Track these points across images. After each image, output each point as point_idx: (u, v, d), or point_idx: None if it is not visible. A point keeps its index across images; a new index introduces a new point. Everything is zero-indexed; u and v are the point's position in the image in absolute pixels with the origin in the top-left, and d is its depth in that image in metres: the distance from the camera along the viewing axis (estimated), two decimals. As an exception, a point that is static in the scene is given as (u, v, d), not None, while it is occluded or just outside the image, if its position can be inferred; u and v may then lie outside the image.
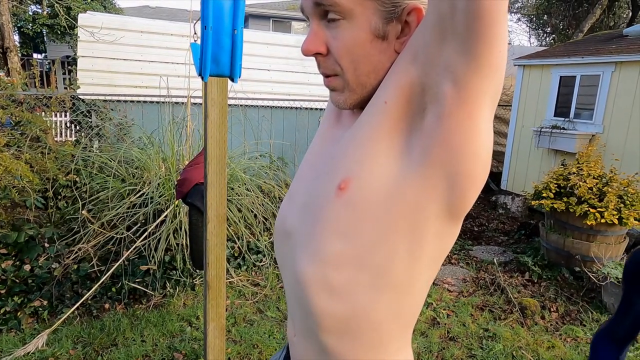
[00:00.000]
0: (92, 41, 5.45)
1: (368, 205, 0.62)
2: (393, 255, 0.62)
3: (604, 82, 4.87)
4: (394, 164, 0.61)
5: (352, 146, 0.65)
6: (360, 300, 0.64)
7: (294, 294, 0.72)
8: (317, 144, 0.78)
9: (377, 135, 0.62)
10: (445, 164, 0.58)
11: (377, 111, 0.63)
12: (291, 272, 0.71)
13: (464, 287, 3.54)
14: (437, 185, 0.59)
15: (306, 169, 0.76)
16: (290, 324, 0.79)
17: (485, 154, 0.59)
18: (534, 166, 5.73)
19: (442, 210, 0.61)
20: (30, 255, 3.04)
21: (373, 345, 0.66)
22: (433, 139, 0.58)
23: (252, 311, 3.00)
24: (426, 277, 0.66)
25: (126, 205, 3.27)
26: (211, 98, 1.88)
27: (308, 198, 0.70)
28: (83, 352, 2.43)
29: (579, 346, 2.77)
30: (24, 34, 11.85)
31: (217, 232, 2.02)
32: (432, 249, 0.64)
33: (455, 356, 2.61)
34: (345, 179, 0.63)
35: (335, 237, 0.64)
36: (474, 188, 0.60)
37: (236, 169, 3.83)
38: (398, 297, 0.64)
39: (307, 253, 0.67)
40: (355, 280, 0.63)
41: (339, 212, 0.64)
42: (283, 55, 6.59)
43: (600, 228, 3.49)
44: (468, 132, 0.57)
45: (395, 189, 0.60)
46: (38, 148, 3.97)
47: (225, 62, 1.34)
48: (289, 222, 0.74)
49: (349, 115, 0.74)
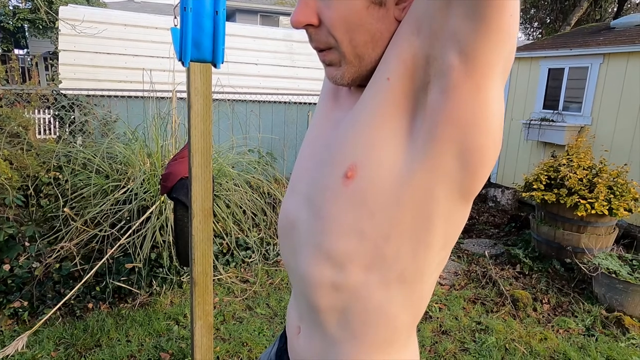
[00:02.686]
0: (74, 35, 5.29)
1: (377, 194, 0.57)
2: (403, 246, 0.58)
3: (592, 74, 4.88)
4: (400, 147, 0.56)
5: (356, 130, 0.59)
6: (372, 299, 0.60)
7: (300, 289, 0.68)
8: (316, 128, 0.72)
9: (382, 117, 0.57)
10: (454, 141, 0.53)
11: (380, 89, 0.57)
12: (296, 267, 0.67)
13: (455, 280, 3.51)
14: (446, 165, 0.54)
15: (306, 157, 0.71)
16: (293, 317, 0.75)
17: (497, 128, 0.54)
18: (523, 159, 5.74)
19: (453, 191, 0.56)
20: (10, 255, 2.93)
21: (386, 339, 0.63)
22: (439, 115, 0.53)
23: (241, 308, 2.93)
24: (437, 262, 0.62)
25: (110, 202, 3.17)
26: (194, 87, 1.80)
27: (311, 189, 0.65)
28: (65, 354, 2.34)
29: (571, 337, 2.76)
30: (4, 28, 11.54)
31: (202, 227, 1.95)
32: (443, 234, 0.59)
33: (448, 350, 2.58)
34: (351, 166, 0.58)
35: (343, 233, 0.59)
36: (486, 165, 0.55)
37: (224, 164, 3.75)
38: (410, 288, 0.61)
39: (312, 250, 0.63)
40: (365, 281, 0.60)
41: (346, 205, 0.59)
42: (271, 49, 6.50)
43: (590, 219, 3.49)
44: (477, 105, 0.51)
45: (403, 174, 0.56)
46: (18, 144, 3.84)
47: (207, 46, 1.27)
48: (292, 214, 0.69)
49: (347, 95, 0.68)
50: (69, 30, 5.27)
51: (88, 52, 5.41)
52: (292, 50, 6.66)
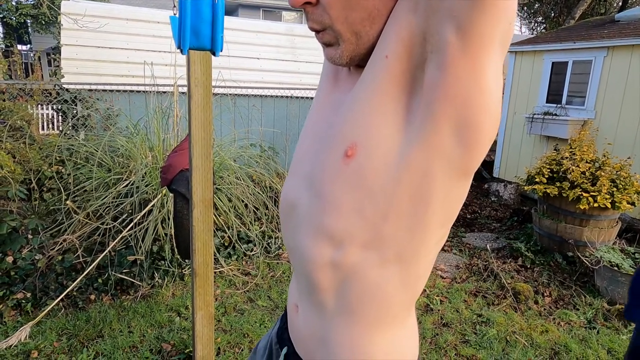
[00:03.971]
0: (76, 29, 5.30)
1: (376, 173, 0.57)
2: (400, 225, 0.58)
3: (596, 67, 4.84)
4: (399, 126, 0.56)
5: (356, 110, 0.60)
6: (369, 277, 0.61)
7: (299, 268, 0.69)
8: (316, 111, 0.73)
9: (381, 95, 0.57)
10: (450, 117, 0.53)
11: (379, 67, 0.58)
12: (296, 247, 0.68)
13: (457, 273, 3.51)
14: (443, 142, 0.55)
15: (307, 140, 0.72)
16: (293, 296, 0.77)
17: (494, 106, 0.54)
18: (526, 153, 5.71)
19: (450, 169, 0.56)
20: (13, 247, 2.95)
21: (383, 317, 0.64)
22: (435, 92, 0.53)
23: (242, 300, 2.94)
24: (435, 241, 0.62)
25: (112, 195, 3.18)
26: (194, 78, 1.80)
27: (311, 170, 0.65)
28: (68, 344, 2.36)
29: (572, 330, 2.76)
30: (7, 24, 11.55)
31: (203, 218, 1.95)
32: (441, 212, 0.59)
33: (448, 342, 2.58)
34: (351, 145, 0.59)
35: (342, 212, 0.60)
36: (483, 142, 0.55)
37: (225, 158, 3.76)
38: (407, 267, 0.61)
39: (312, 230, 0.64)
40: (363, 259, 0.60)
41: (346, 184, 0.59)
42: (273, 44, 6.48)
43: (593, 212, 3.47)
44: (473, 81, 0.51)
45: (402, 153, 0.56)
46: (21, 138, 3.86)
47: (206, 34, 1.26)
48: (292, 195, 0.70)
49: (347, 77, 0.69)
50: (71, 24, 5.27)
51: (90, 46, 5.41)
52: (295, 45, 6.64)
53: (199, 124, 1.84)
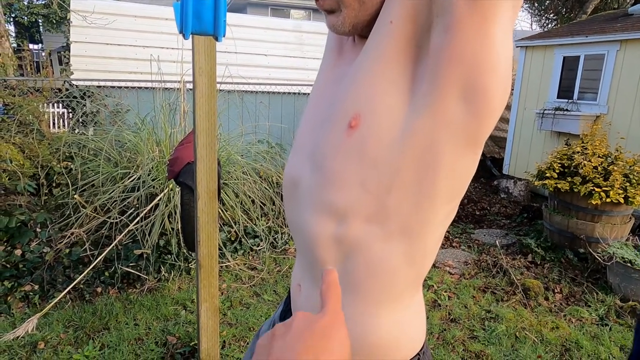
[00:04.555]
0: (85, 26, 5.34)
1: (380, 144, 0.55)
2: (405, 198, 0.56)
3: (608, 61, 4.75)
4: (404, 95, 0.55)
5: (359, 79, 0.58)
6: (373, 252, 0.59)
7: (302, 246, 0.68)
8: (319, 86, 0.71)
9: (386, 63, 0.55)
10: (457, 81, 0.51)
11: (383, 34, 0.56)
12: (299, 224, 0.67)
13: (465, 269, 3.46)
14: (449, 109, 0.52)
15: (310, 116, 0.70)
16: (296, 275, 0.75)
17: (503, 69, 0.51)
18: (536, 149, 5.63)
19: (457, 138, 0.54)
20: (22, 240, 2.97)
21: (388, 295, 0.62)
22: (442, 55, 0.51)
23: (248, 295, 2.93)
24: (442, 216, 0.60)
25: (120, 189, 3.19)
26: (199, 67, 1.79)
27: (315, 144, 0.64)
28: (74, 336, 2.37)
29: (584, 326, 2.70)
30: (19, 23, 11.70)
31: (207, 210, 1.94)
32: (448, 185, 0.57)
33: (456, 337, 2.55)
34: (355, 116, 0.57)
35: (345, 185, 0.58)
36: (492, 108, 0.53)
37: (232, 152, 3.75)
38: (412, 243, 0.59)
39: (314, 204, 0.62)
40: (367, 233, 0.58)
41: (349, 155, 0.58)
42: (281, 40, 6.47)
43: (605, 208, 3.40)
44: (481, 42, 0.49)
45: (407, 122, 0.54)
46: (30, 133, 3.89)
47: (208, 18, 1.25)
48: (295, 171, 0.68)
49: (351, 48, 0.67)
50: (80, 21, 5.31)
51: (99, 43, 5.44)
52: (302, 41, 6.63)
53: (203, 113, 1.83)
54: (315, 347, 0.34)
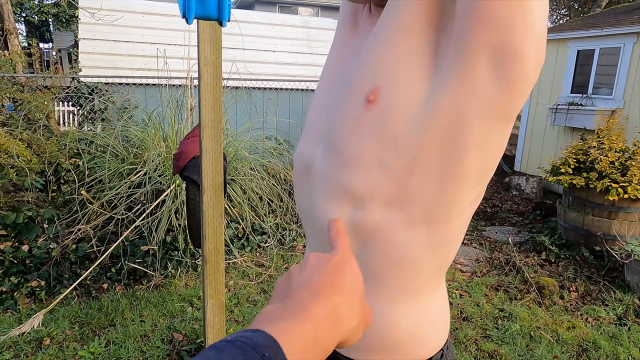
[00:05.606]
0: (93, 23, 5.34)
1: (401, 119, 0.50)
2: (429, 179, 0.50)
3: (624, 54, 4.62)
4: (428, 65, 0.49)
5: (378, 50, 0.52)
6: (394, 239, 0.53)
7: (313, 233, 0.62)
8: (331, 63, 0.65)
9: (406, 31, 0.50)
10: (487, 46, 0.45)
11: (403, 1, 0.50)
12: (311, 210, 0.62)
13: (477, 267, 3.39)
14: (479, 77, 0.46)
15: (322, 94, 0.64)
16: None
17: (538, 30, 0.45)
18: (549, 145, 5.51)
19: (488, 111, 0.48)
20: (29, 236, 2.96)
21: (410, 286, 0.57)
22: (469, 18, 0.45)
23: (255, 292, 2.89)
24: (470, 200, 0.54)
25: (126, 185, 3.17)
26: (204, 57, 1.74)
27: (328, 124, 0.58)
28: (80, 332, 2.34)
29: (601, 326, 2.61)
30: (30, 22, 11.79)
31: (213, 204, 1.89)
32: (478, 164, 0.51)
33: (469, 336, 2.48)
34: (373, 89, 0.52)
35: (363, 165, 0.53)
36: (525, 77, 0.47)
37: (239, 148, 3.71)
38: (437, 229, 0.53)
39: (329, 187, 0.57)
40: (387, 219, 0.53)
41: (367, 132, 0.52)
42: (289, 37, 6.42)
43: (622, 204, 3.30)
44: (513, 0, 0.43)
45: (432, 96, 0.49)
46: (39, 130, 3.88)
47: (212, 1, 1.19)
48: (307, 155, 0.63)
49: (366, 19, 0.62)
50: (89, 18, 5.31)
51: (107, 40, 5.43)
52: (310, 37, 6.57)
53: (208, 105, 1.78)
54: (329, 281, 0.36)
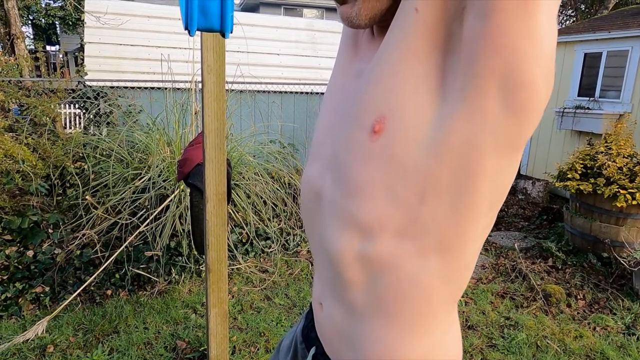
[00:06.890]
0: (99, 27, 5.36)
1: (409, 148, 0.49)
2: (441, 207, 0.49)
3: (633, 57, 4.57)
4: (435, 91, 0.48)
5: (382, 77, 0.51)
6: (405, 271, 0.52)
7: (322, 263, 0.61)
8: (335, 85, 0.64)
9: (412, 57, 0.48)
10: (497, 74, 0.44)
11: (407, 24, 0.49)
12: (319, 239, 0.61)
13: (482, 274, 3.35)
14: (487, 107, 0.45)
15: (327, 118, 0.63)
16: (316, 293, 0.69)
17: (547, 57, 0.44)
18: (555, 149, 5.46)
19: (499, 141, 0.47)
20: (34, 241, 2.97)
21: (422, 318, 0.55)
22: (477, 44, 0.44)
23: (259, 298, 2.87)
24: (482, 226, 0.53)
25: (131, 190, 3.17)
26: (207, 65, 1.73)
27: (334, 152, 0.57)
28: (83, 339, 2.34)
29: (609, 335, 2.58)
30: (37, 25, 11.88)
31: (217, 212, 1.88)
32: (489, 192, 0.50)
33: (474, 345, 2.45)
34: (378, 118, 0.50)
35: (371, 195, 0.52)
36: (535, 106, 0.45)
37: (244, 153, 3.70)
38: (451, 257, 0.52)
39: (337, 217, 0.56)
40: (397, 249, 0.52)
41: (374, 163, 0.51)
42: (293, 39, 6.42)
43: (631, 211, 3.26)
44: (523, 27, 0.42)
45: (441, 123, 0.47)
46: (44, 134, 3.90)
47: (215, 13, 1.17)
48: (316, 182, 0.61)
49: (368, 42, 0.60)
50: (94, 22, 5.33)
51: (112, 44, 5.45)
52: (315, 40, 6.56)
53: (212, 113, 1.78)
54: None
